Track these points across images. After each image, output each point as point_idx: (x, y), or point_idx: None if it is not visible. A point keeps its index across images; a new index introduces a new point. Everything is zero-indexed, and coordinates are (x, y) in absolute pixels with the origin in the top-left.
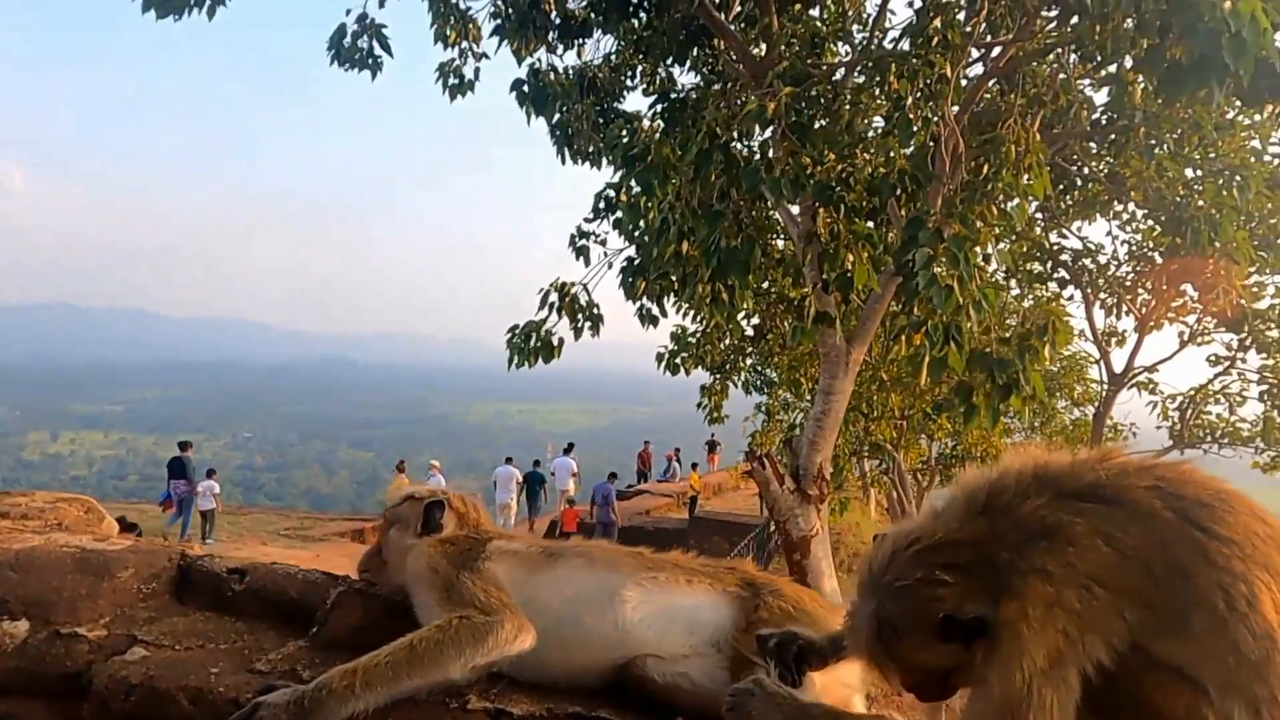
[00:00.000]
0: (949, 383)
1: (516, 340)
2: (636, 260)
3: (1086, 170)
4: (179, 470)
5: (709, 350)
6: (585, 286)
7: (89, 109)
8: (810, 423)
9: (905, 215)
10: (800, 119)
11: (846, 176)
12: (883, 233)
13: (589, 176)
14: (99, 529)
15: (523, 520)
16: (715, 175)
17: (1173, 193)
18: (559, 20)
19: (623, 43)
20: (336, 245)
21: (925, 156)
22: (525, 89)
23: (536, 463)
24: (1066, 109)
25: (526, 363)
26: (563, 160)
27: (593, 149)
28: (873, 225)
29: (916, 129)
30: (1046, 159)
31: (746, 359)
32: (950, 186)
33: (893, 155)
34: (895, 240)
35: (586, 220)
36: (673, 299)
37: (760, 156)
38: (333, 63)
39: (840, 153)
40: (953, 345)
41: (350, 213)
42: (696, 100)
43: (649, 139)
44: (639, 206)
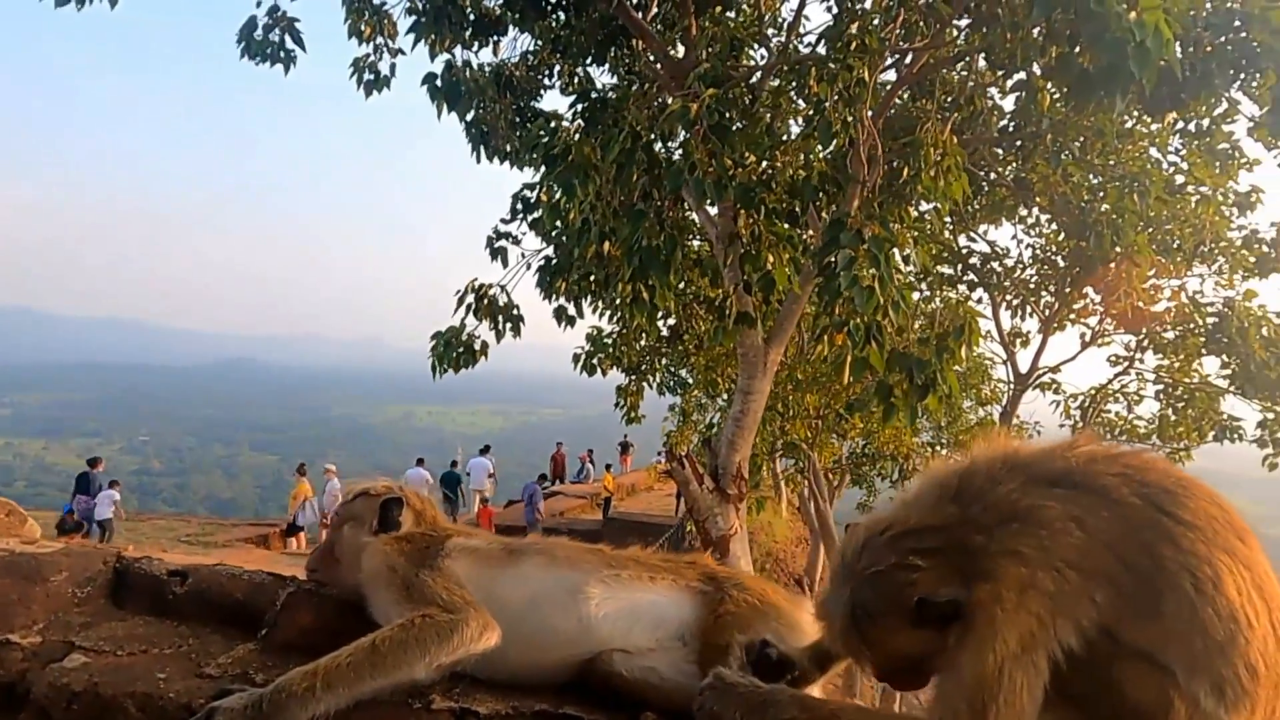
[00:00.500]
0: (864, 382)
1: (439, 347)
2: (555, 260)
3: (994, 175)
4: (84, 486)
5: (626, 351)
6: (504, 288)
7: None
8: (729, 422)
9: (825, 217)
10: (722, 121)
11: (768, 178)
12: (801, 234)
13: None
14: (22, 531)
15: None
16: (638, 175)
17: (1078, 197)
18: (475, 17)
19: (540, 41)
20: (242, 245)
21: (844, 159)
22: (438, 83)
23: (454, 463)
24: (976, 115)
25: (451, 369)
26: (478, 159)
27: (510, 148)
28: (789, 227)
29: (836, 131)
30: (963, 163)
31: (662, 360)
32: (868, 189)
33: (812, 158)
34: (815, 242)
35: (504, 221)
36: (590, 299)
37: (684, 157)
38: (243, 56)
39: (761, 155)
40: (874, 345)
41: (256, 212)
42: (617, 100)
43: (569, 139)
44: (559, 206)
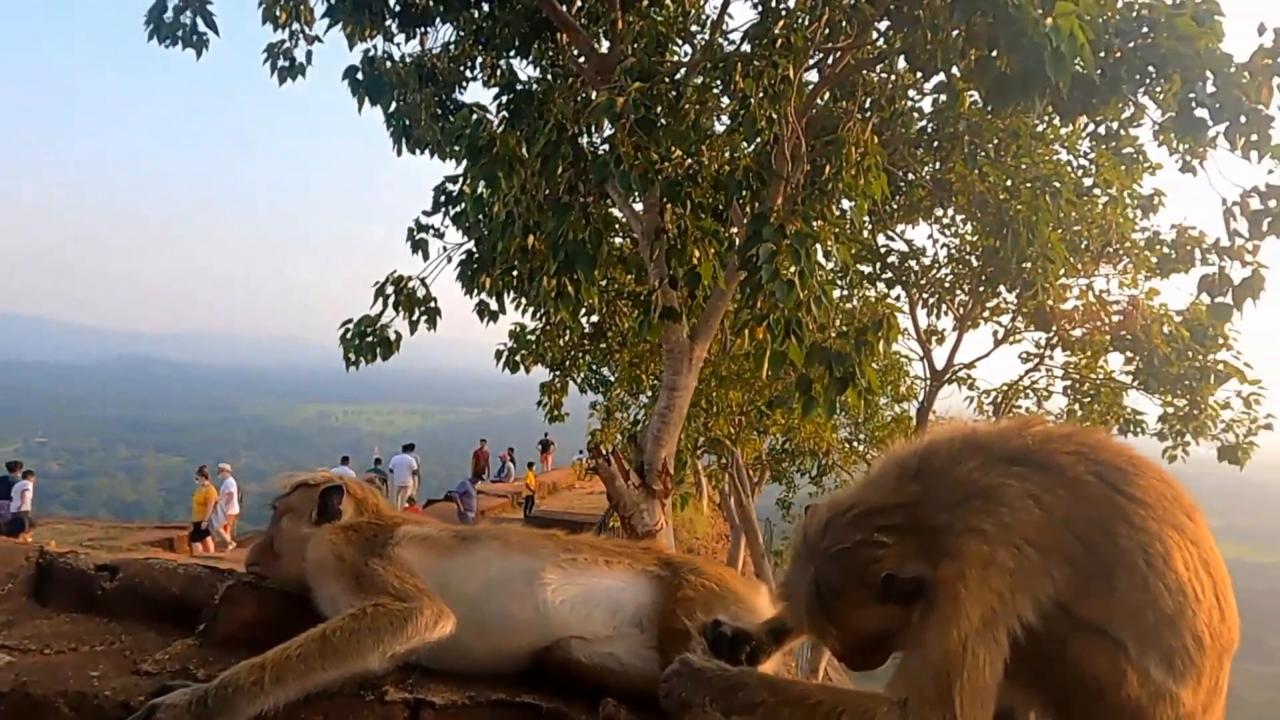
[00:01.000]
0: (785, 379)
1: (352, 337)
2: (477, 255)
3: (913, 175)
4: (4, 491)
5: (549, 347)
6: (423, 281)
7: None
8: (654, 418)
9: (749, 213)
10: (649, 115)
11: (694, 173)
12: (727, 230)
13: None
14: None
15: None
16: (563, 169)
17: (994, 197)
18: (397, 7)
19: (463, 32)
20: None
21: (768, 155)
22: (359, 76)
23: (377, 461)
24: (896, 116)
25: (364, 359)
26: (399, 151)
27: (432, 139)
28: (715, 222)
29: (761, 127)
30: (883, 162)
31: (585, 357)
32: (791, 185)
33: (737, 154)
34: (739, 236)
35: (425, 214)
36: (513, 295)
37: (610, 150)
38: (151, 38)
39: (687, 150)
40: (793, 339)
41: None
42: (543, 93)
43: (494, 131)
44: (483, 199)
